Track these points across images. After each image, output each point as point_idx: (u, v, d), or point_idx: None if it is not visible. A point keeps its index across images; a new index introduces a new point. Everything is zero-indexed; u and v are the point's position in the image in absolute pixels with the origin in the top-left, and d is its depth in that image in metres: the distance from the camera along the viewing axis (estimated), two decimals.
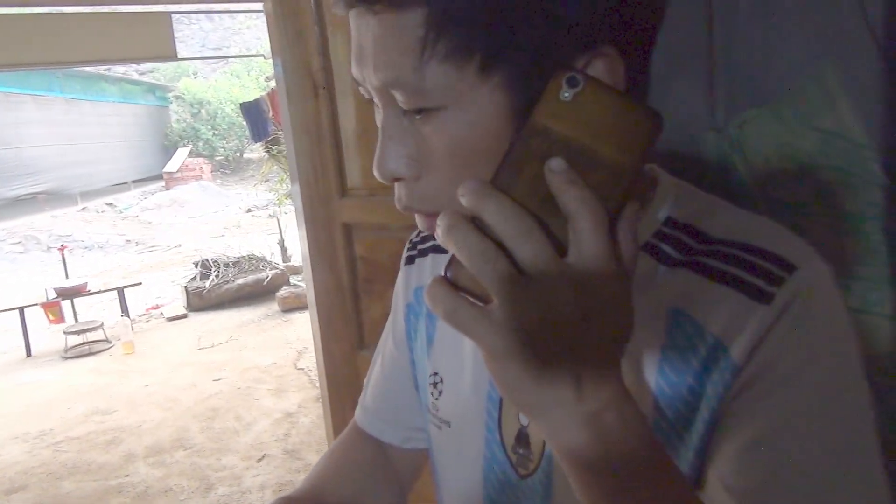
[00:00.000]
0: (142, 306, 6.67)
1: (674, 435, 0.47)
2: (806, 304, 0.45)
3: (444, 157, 0.44)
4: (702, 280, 0.48)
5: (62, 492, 3.17)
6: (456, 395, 0.61)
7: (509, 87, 0.41)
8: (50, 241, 10.53)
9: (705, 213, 0.51)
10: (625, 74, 0.42)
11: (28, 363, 5.38)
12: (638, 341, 0.46)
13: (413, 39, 0.40)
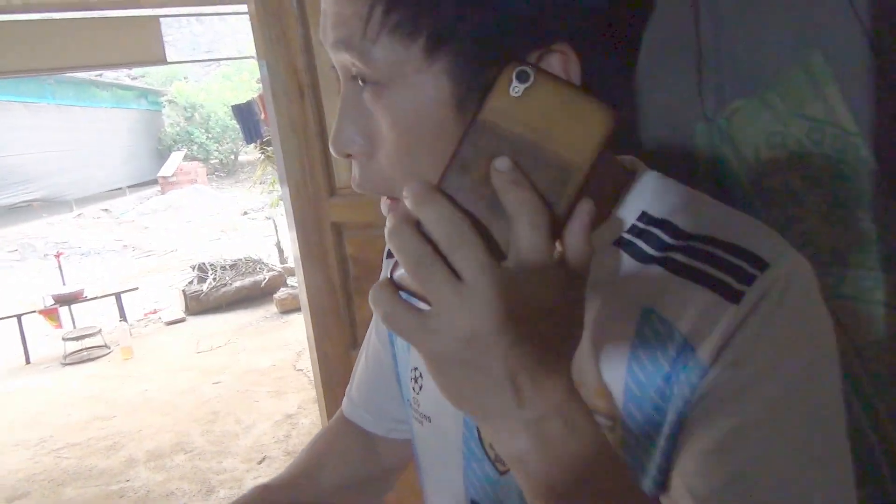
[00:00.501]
0: (140, 311, 6.66)
1: (642, 436, 0.47)
2: (776, 303, 0.44)
3: (391, 137, 0.44)
4: (673, 277, 0.47)
5: (64, 498, 3.17)
6: (435, 391, 0.60)
7: (454, 74, 0.41)
8: (46, 248, 10.50)
9: (682, 207, 0.50)
10: (581, 72, 0.41)
11: (27, 370, 5.37)
12: (608, 338, 0.48)
13: (365, 5, 0.41)
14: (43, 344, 5.82)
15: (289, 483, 0.72)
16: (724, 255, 0.46)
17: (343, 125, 0.46)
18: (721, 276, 0.45)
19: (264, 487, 0.70)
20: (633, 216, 0.50)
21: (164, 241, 11.29)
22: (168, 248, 10.62)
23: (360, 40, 0.41)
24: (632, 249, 0.49)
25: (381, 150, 0.45)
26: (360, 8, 0.41)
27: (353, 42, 0.42)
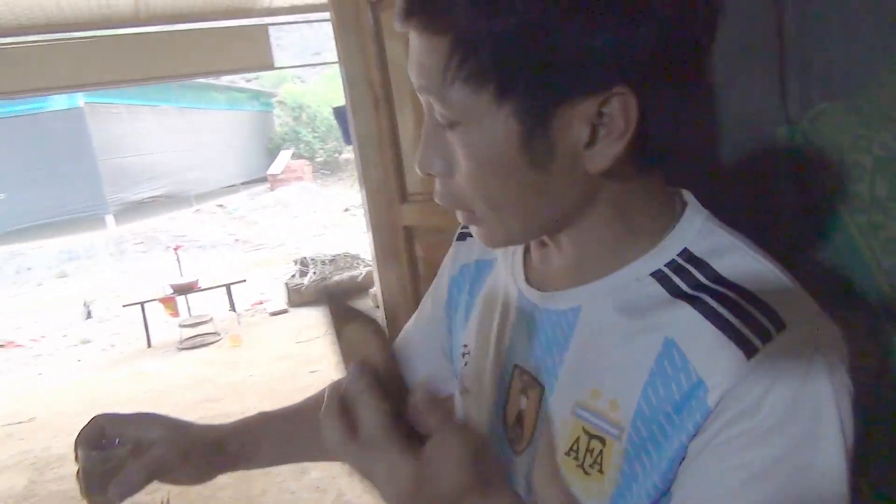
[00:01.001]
0: (247, 302, 7.12)
1: (643, 450, 0.51)
2: (786, 366, 0.46)
3: (466, 165, 0.51)
4: (699, 317, 0.49)
5: None
6: (477, 369, 0.67)
7: (521, 117, 0.48)
8: (168, 241, 11.37)
9: (722, 250, 0.53)
10: (639, 111, 0.47)
11: (148, 353, 5.89)
12: (631, 358, 0.52)
13: (441, 58, 0.48)
14: (162, 330, 6.35)
15: (289, 412, 0.82)
16: (748, 308, 0.48)
17: (426, 150, 0.54)
18: (741, 329, 0.47)
19: (264, 414, 0.80)
20: (674, 251, 0.54)
21: (271, 235, 11.92)
22: (275, 242, 11.21)
23: (438, 87, 0.49)
24: (667, 283, 0.53)
25: (459, 173, 0.53)
26: (438, 61, 0.48)
27: (432, 88, 0.50)
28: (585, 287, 0.56)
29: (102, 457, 0.65)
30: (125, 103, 13.52)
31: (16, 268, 10.87)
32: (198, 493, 3.22)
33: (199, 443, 0.72)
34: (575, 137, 0.48)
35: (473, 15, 0.45)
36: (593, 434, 0.53)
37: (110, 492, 0.63)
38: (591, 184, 0.52)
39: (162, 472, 0.67)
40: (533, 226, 0.55)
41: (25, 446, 4.12)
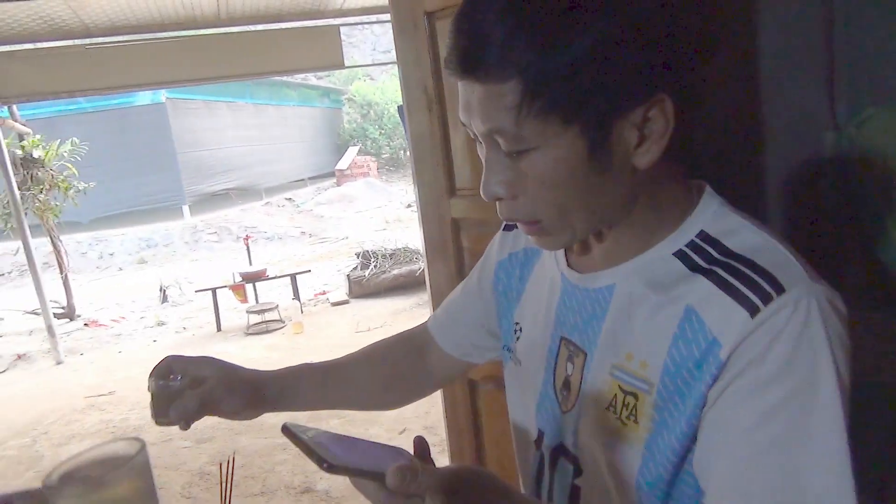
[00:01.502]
0: (311, 291, 7.41)
1: (670, 401, 0.60)
2: (784, 322, 0.54)
3: (536, 185, 0.60)
4: (713, 288, 0.59)
5: (240, 444, 3.72)
6: (530, 343, 0.78)
7: (586, 134, 0.56)
8: (239, 231, 11.86)
9: (733, 230, 0.62)
10: (675, 113, 0.57)
11: (218, 337, 6.22)
12: (658, 325, 0.62)
13: (512, 101, 0.55)
14: (231, 315, 6.70)
15: (327, 366, 0.93)
16: (753, 276, 0.57)
17: (490, 178, 0.62)
18: (747, 293, 0.56)
19: (308, 365, 0.92)
20: (693, 233, 0.63)
21: (336, 229, 12.26)
22: (340, 235, 11.54)
23: (510, 128, 0.56)
24: (687, 260, 0.62)
25: (525, 193, 0.61)
26: (509, 104, 0.55)
27: (503, 131, 0.57)
28: (618, 268, 0.67)
29: (167, 386, 0.80)
30: (204, 99, 14.15)
31: (100, 253, 11.58)
32: (259, 466, 3.45)
33: (243, 382, 0.84)
34: (627, 142, 0.58)
35: (537, 57, 0.53)
36: (628, 391, 0.64)
37: (171, 413, 0.77)
38: (637, 179, 0.61)
39: (211, 402, 0.79)
40: (594, 223, 0.64)
41: (106, 416, 4.46)
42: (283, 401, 0.88)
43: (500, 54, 0.54)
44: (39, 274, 6.25)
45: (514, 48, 0.53)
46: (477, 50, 0.55)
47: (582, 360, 0.70)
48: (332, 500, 3.05)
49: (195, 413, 0.78)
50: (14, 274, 10.68)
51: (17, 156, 6.67)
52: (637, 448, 0.63)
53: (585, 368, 0.69)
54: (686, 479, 0.62)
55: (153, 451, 4.05)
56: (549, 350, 0.74)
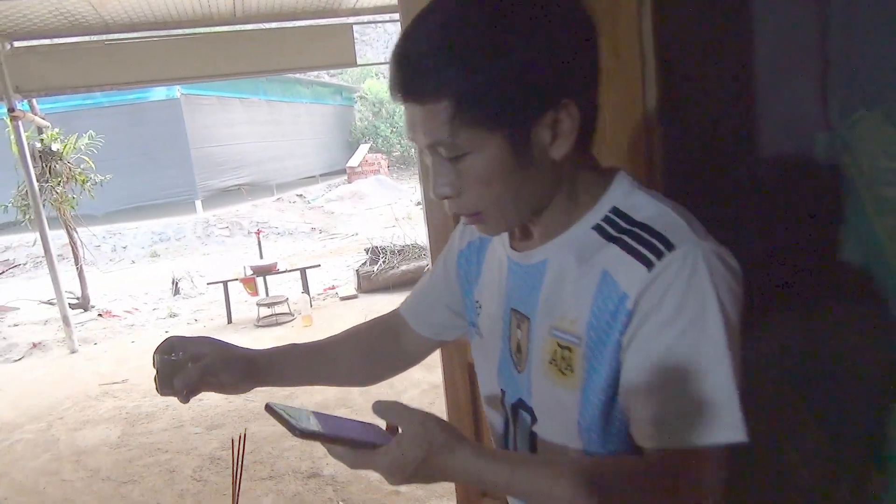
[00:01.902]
0: (320, 286, 7.51)
1: (596, 350, 0.73)
2: (674, 273, 0.67)
3: (474, 182, 0.73)
4: (622, 252, 0.72)
5: (249, 431, 3.82)
6: (488, 317, 0.91)
7: (509, 137, 0.70)
8: (250, 226, 12.00)
9: (637, 205, 0.75)
10: (579, 112, 0.70)
11: (229, 329, 6.34)
12: (581, 288, 0.75)
13: (446, 117, 0.68)
14: (242, 308, 6.81)
15: (311, 347, 1.04)
16: (650, 239, 0.70)
17: (437, 181, 0.74)
18: (645, 253, 0.69)
19: (295, 344, 1.02)
20: (606, 209, 0.76)
21: (346, 225, 12.36)
22: (349, 231, 11.65)
23: (446, 140, 0.69)
24: (603, 231, 0.75)
25: (465, 193, 0.74)
26: (444, 119, 0.68)
27: (443, 141, 0.70)
28: (549, 244, 0.79)
29: (170, 361, 0.89)
30: (218, 95, 14.29)
31: (113, 246, 11.75)
32: (267, 452, 3.55)
33: (238, 358, 0.93)
34: (543, 140, 0.71)
35: (462, 80, 0.66)
36: (563, 346, 0.76)
37: (175, 384, 0.87)
38: (557, 170, 0.74)
39: (210, 374, 0.89)
40: (526, 210, 0.77)
41: (119, 403, 4.58)
42: (272, 375, 0.97)
43: (432, 81, 0.67)
44: (55, 265, 6.39)
45: (443, 75, 0.66)
46: (414, 79, 0.68)
47: (527, 326, 0.82)
48: (337, 484, 3.14)
49: (196, 383, 0.88)
50: (30, 265, 10.86)
51: (37, 148, 6.81)
52: (575, 394, 0.76)
53: (531, 332, 0.81)
54: (618, 417, 0.74)
55: (165, 436, 4.15)
56: (503, 320, 0.86)
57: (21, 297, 8.22)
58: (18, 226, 7.92)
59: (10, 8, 5.28)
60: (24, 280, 10.11)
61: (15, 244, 11.53)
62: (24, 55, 6.19)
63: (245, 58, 6.83)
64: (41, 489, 3.45)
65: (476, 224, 0.78)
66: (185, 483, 3.34)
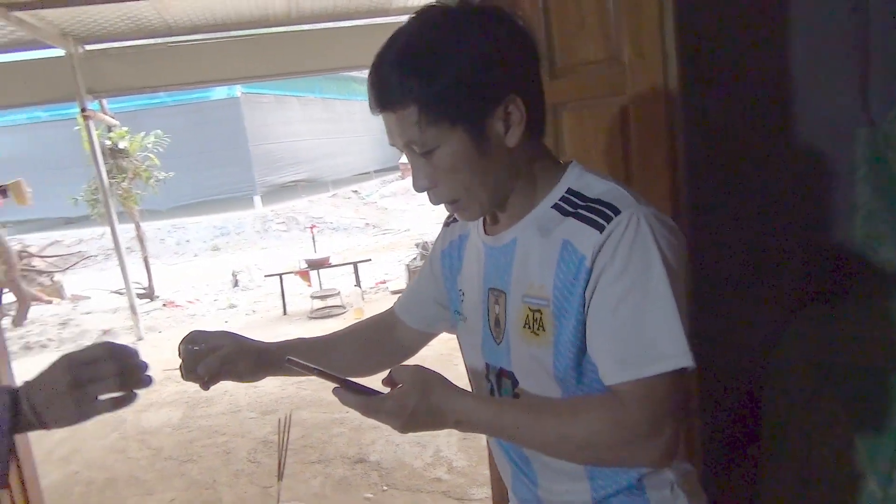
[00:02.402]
0: (372, 280, 7.68)
1: (562, 309, 0.85)
2: (621, 233, 0.80)
3: (445, 173, 0.86)
4: (579, 223, 0.84)
5: (301, 417, 3.99)
6: (470, 302, 1.02)
7: (468, 131, 0.83)
8: (306, 221, 12.29)
9: (588, 184, 0.88)
10: (525, 105, 0.83)
11: (283, 320, 6.56)
12: (546, 257, 0.87)
13: (413, 120, 0.82)
14: (296, 300, 7.04)
15: (323, 340, 1.16)
16: (601, 209, 0.83)
17: (416, 175, 0.88)
18: (597, 220, 0.82)
19: (301, 339, 1.14)
20: (563, 190, 0.89)
21: (399, 221, 12.53)
22: (402, 227, 11.82)
23: (417, 137, 0.83)
24: (561, 208, 0.87)
25: (440, 183, 0.87)
26: (412, 123, 0.82)
27: (415, 139, 0.83)
28: (516, 226, 0.92)
29: (194, 351, 1.01)
30: (275, 94, 14.69)
31: (177, 239, 12.25)
32: (317, 437, 3.70)
33: (251, 349, 1.04)
34: (498, 131, 0.84)
35: (421, 88, 0.80)
36: (534, 309, 0.88)
37: (199, 370, 0.99)
38: (514, 157, 0.87)
39: (227, 364, 1.01)
40: (493, 195, 0.89)
41: (181, 388, 4.82)
42: (281, 368, 1.06)
43: (398, 92, 0.81)
44: (124, 257, 6.74)
45: (406, 86, 0.81)
46: (384, 93, 0.83)
47: (504, 300, 0.93)
48: (382, 469, 3.26)
49: (217, 370, 1.00)
50: (101, 257, 11.44)
51: (106, 146, 7.19)
52: (548, 349, 0.87)
53: (507, 304, 0.92)
54: (589, 367, 0.86)
55: (223, 419, 4.33)
56: (483, 301, 0.98)
57: (93, 287, 8.70)
58: (91, 219, 8.36)
59: (82, 13, 5.60)
60: (95, 271, 10.66)
61: (87, 237, 12.17)
62: (95, 58, 6.54)
63: (301, 57, 7.04)
64: (109, 465, 3.69)
65: (457, 212, 0.92)
66: (240, 464, 3.52)
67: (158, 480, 3.45)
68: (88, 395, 0.83)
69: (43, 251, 9.60)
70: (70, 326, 7.06)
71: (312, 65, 7.28)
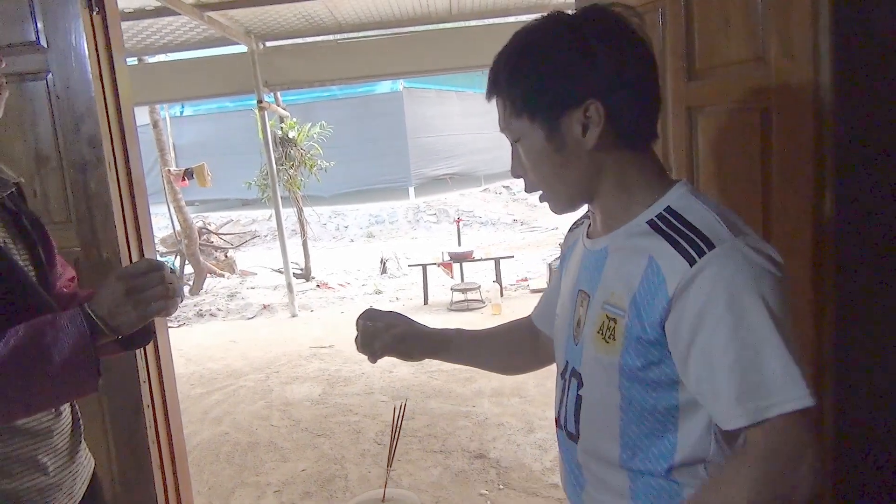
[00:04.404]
0: (514, 277, 7.67)
1: (636, 321, 0.86)
2: (718, 270, 0.79)
3: (528, 164, 0.95)
4: (669, 246, 0.84)
5: (429, 406, 4.08)
6: (563, 301, 1.07)
7: (543, 127, 0.90)
8: (456, 214, 12.55)
9: (690, 207, 0.88)
10: (606, 116, 0.86)
11: (424, 310, 6.75)
12: (632, 269, 0.88)
13: (503, 112, 0.93)
14: (437, 290, 7.21)
15: (476, 336, 1.28)
16: (695, 239, 0.83)
17: (512, 163, 0.98)
18: (689, 250, 0.82)
19: (459, 330, 1.25)
20: (662, 207, 0.90)
21: (547, 218, 12.39)
22: (549, 225, 11.69)
23: (507, 124, 0.94)
24: (656, 225, 0.88)
25: (527, 174, 0.96)
26: (503, 114, 0.93)
27: (506, 126, 0.94)
28: (610, 235, 0.95)
29: (371, 326, 1.14)
30: (436, 88, 15.09)
31: (336, 225, 13.01)
32: (442, 427, 3.77)
33: (419, 333, 1.19)
34: (575, 131, 0.89)
35: (507, 86, 0.91)
36: (611, 317, 0.90)
37: (375, 344, 1.13)
38: (597, 160, 0.91)
39: (398, 342, 1.14)
40: (572, 193, 0.94)
41: (324, 366, 5.13)
42: (442, 352, 1.22)
43: (493, 84, 0.94)
44: (286, 239, 7.28)
45: (498, 80, 0.92)
46: (489, 82, 0.94)
47: (587, 302, 0.96)
48: (501, 468, 3.25)
49: (390, 346, 1.13)
50: (269, 237, 12.45)
51: (277, 136, 7.79)
52: (614, 358, 0.89)
53: (589, 307, 0.96)
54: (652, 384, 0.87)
55: (357, 399, 4.56)
56: (571, 300, 1.02)
57: (259, 265, 9.49)
58: (262, 202, 9.11)
59: (264, 12, 6.09)
60: (264, 249, 11.62)
61: (259, 218, 13.28)
62: (272, 54, 7.09)
63: (461, 53, 7.16)
64: (254, 430, 4.00)
65: (542, 201, 0.97)
66: (368, 444, 3.67)
67: (293, 449, 3.70)
68: (143, 300, 0.98)
69: (220, 229, 10.61)
70: (236, 299, 7.75)
71: (472, 61, 7.37)
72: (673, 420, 0.88)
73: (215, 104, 14.16)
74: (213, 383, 4.91)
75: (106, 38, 2.02)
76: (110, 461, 2.13)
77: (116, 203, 2.03)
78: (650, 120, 0.92)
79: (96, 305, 0.97)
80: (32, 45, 1.93)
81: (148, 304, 0.98)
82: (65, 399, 1.05)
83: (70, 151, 1.99)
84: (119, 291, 0.97)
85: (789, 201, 1.27)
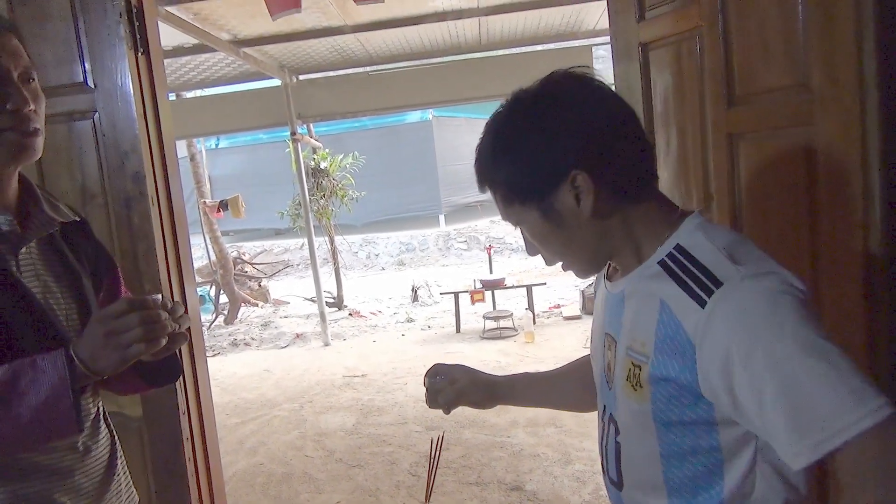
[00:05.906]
0: (546, 304, 7.61)
1: (659, 367, 0.85)
2: (725, 309, 0.78)
3: (537, 244, 0.96)
4: (678, 287, 0.85)
5: (463, 436, 4.04)
6: (593, 342, 1.08)
7: (537, 209, 0.91)
8: (486, 241, 12.53)
9: (696, 244, 0.87)
10: (592, 184, 0.86)
11: (456, 337, 6.72)
12: (648, 314, 0.88)
13: (501, 202, 0.94)
14: (470, 318, 7.18)
15: (544, 377, 1.32)
16: (702, 277, 0.82)
17: (525, 244, 0.99)
18: (696, 290, 0.82)
19: (527, 373, 1.31)
20: (672, 246, 0.89)
21: None
22: None
23: (504, 214, 0.96)
24: (665, 267, 0.88)
25: (541, 251, 0.98)
26: (500, 204, 0.95)
27: (505, 215, 0.96)
28: (625, 278, 0.95)
29: (436, 382, 1.22)
30: (466, 117, 15.21)
31: (368, 253, 13.09)
32: (477, 458, 3.72)
33: (484, 383, 1.24)
34: (569, 203, 0.89)
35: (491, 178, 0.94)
36: (636, 364, 0.90)
37: (439, 400, 1.21)
38: (598, 224, 0.90)
39: (463, 395, 1.21)
40: (591, 258, 0.95)
41: (357, 395, 5.12)
42: (510, 399, 1.26)
43: (479, 180, 0.96)
44: (318, 268, 7.34)
45: (482, 175, 0.95)
46: (477, 179, 0.96)
47: (614, 347, 0.96)
48: (538, 500, 3.19)
49: (453, 401, 1.21)
50: (301, 266, 12.56)
51: (310, 166, 7.91)
52: (646, 405, 0.89)
53: (616, 352, 0.95)
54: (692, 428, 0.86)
55: (391, 430, 4.53)
56: (600, 343, 1.02)
57: (292, 293, 9.57)
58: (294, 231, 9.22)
59: (297, 47, 6.23)
60: (296, 278, 11.73)
61: (292, 247, 13.43)
62: (305, 86, 7.24)
63: (491, 82, 7.20)
64: (288, 460, 4.00)
65: (567, 270, 0.98)
66: (402, 475, 3.64)
67: (328, 480, 3.68)
68: (121, 343, 0.94)
69: (254, 259, 10.75)
70: (270, 328, 7.82)
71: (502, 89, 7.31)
72: (717, 462, 0.87)
73: (250, 136, 14.47)
74: (248, 413, 4.93)
75: (150, 76, 2.08)
76: (150, 495, 2.14)
77: (159, 237, 2.07)
78: (643, 168, 0.92)
79: (79, 348, 0.96)
80: (81, 85, 1.99)
81: (126, 348, 0.94)
82: (43, 441, 1.01)
83: (115, 187, 2.04)
84: (98, 334, 0.95)
85: (838, 228, 1.24)
